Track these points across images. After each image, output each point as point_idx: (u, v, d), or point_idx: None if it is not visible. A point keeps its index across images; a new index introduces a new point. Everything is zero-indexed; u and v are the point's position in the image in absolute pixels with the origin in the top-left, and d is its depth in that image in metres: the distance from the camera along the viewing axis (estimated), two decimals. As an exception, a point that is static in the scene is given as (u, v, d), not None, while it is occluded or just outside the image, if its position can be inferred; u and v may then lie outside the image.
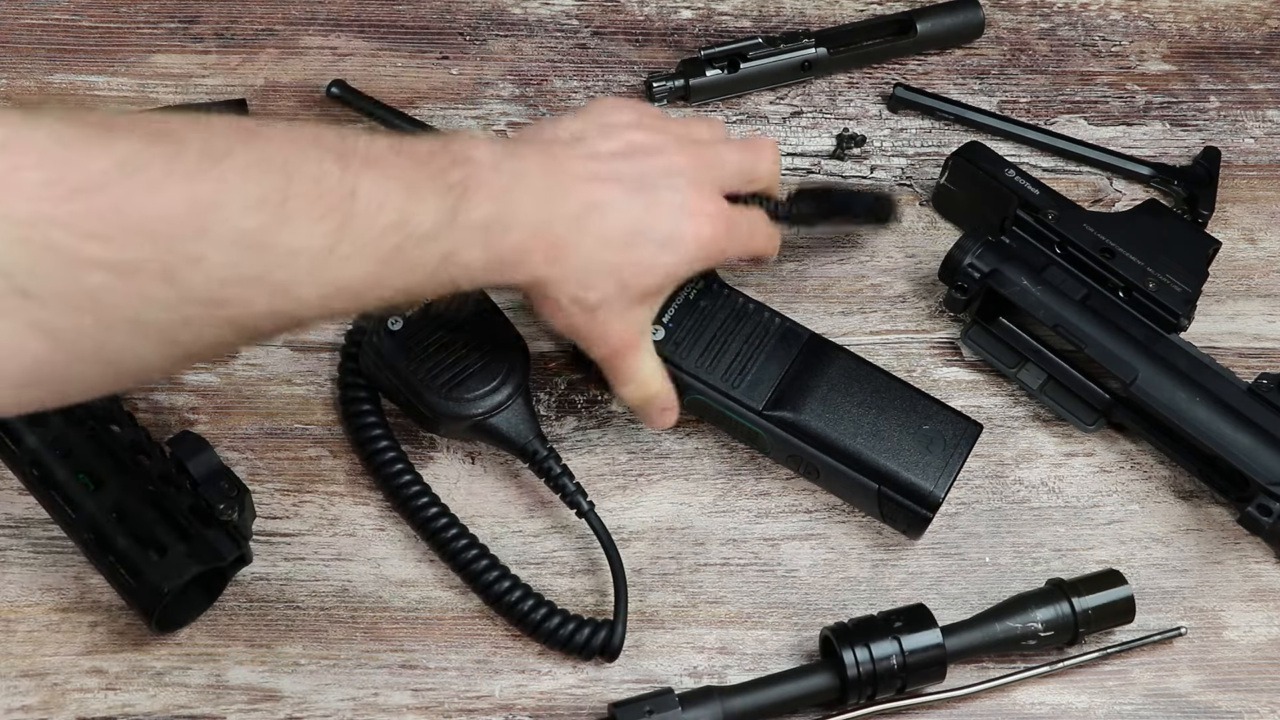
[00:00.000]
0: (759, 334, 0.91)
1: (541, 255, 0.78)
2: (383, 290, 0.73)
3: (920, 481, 0.88)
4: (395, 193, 0.72)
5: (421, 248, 0.73)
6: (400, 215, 0.72)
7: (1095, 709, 0.87)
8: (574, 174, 0.80)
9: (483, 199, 0.75)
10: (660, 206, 0.82)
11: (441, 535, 0.87)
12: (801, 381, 0.90)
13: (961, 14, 1.09)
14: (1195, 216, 1.01)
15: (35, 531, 0.87)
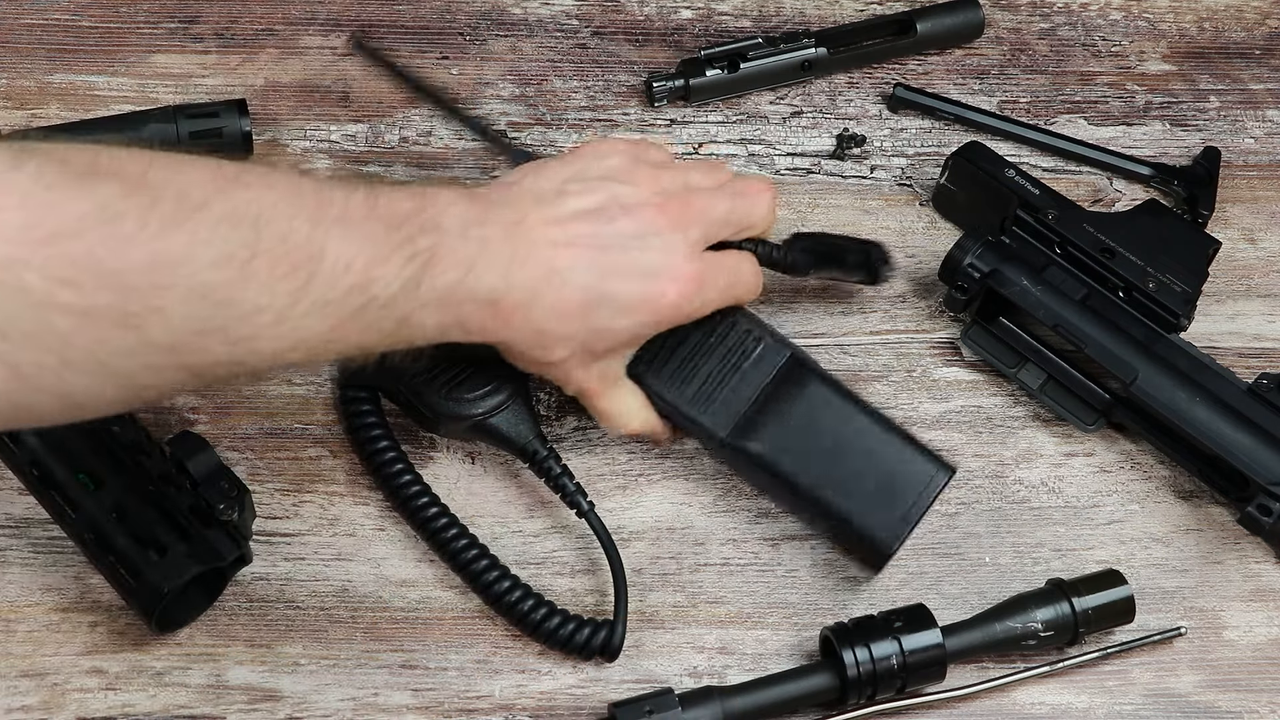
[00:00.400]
0: (736, 351, 0.88)
1: (499, 322, 0.79)
2: (339, 346, 0.75)
3: (875, 530, 0.86)
4: (362, 256, 0.73)
5: (382, 312, 0.74)
6: (364, 278, 0.73)
7: (1095, 709, 0.87)
8: (537, 240, 0.80)
9: (446, 268, 0.76)
10: (623, 272, 0.81)
11: (441, 535, 0.87)
12: (770, 409, 0.87)
13: (961, 14, 1.09)
14: (1195, 216, 1.01)
15: (35, 531, 0.87)
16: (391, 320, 0.75)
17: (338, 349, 0.75)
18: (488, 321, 0.79)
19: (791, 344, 0.89)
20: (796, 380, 0.88)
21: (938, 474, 0.86)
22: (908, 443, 0.87)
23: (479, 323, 0.79)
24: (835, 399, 0.88)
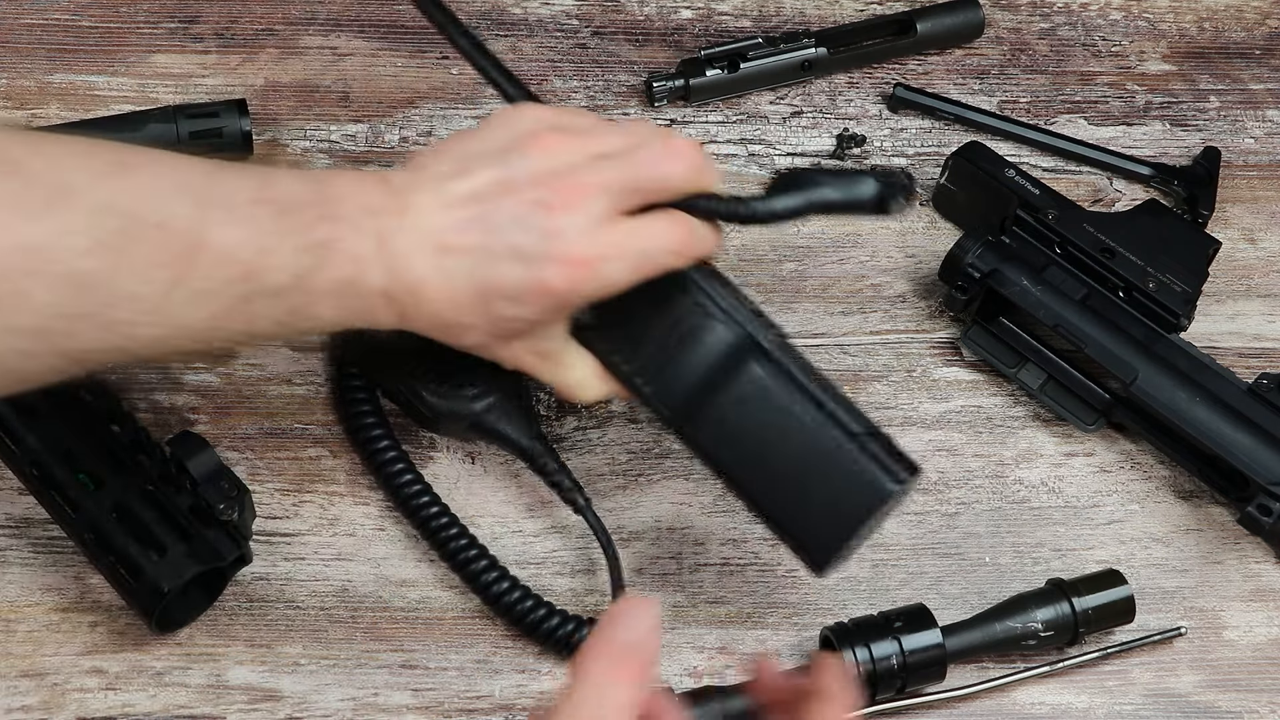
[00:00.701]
0: (686, 324, 0.80)
1: (398, 315, 0.77)
2: (226, 334, 0.74)
3: (810, 546, 0.80)
4: (248, 245, 0.72)
5: (271, 302, 0.73)
6: (250, 269, 0.72)
7: (1095, 709, 0.87)
8: (428, 229, 0.76)
9: (342, 262, 0.74)
10: (507, 259, 0.76)
11: (441, 535, 0.87)
12: (718, 393, 0.80)
13: (961, 14, 1.09)
14: (1195, 216, 1.01)
15: (35, 531, 0.87)
16: (282, 310, 0.74)
17: (225, 336, 0.74)
18: (388, 314, 0.77)
19: (754, 320, 0.80)
20: (749, 364, 0.79)
21: (887, 485, 0.78)
22: (864, 446, 0.79)
23: (380, 315, 0.77)
24: (787, 391, 0.79)
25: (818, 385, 0.80)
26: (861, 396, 0.95)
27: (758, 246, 1.00)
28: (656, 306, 0.80)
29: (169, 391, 0.92)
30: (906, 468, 0.79)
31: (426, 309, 0.76)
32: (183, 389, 0.92)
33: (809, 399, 0.79)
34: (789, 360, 0.80)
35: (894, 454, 0.79)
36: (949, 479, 0.93)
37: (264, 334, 0.75)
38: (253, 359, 0.93)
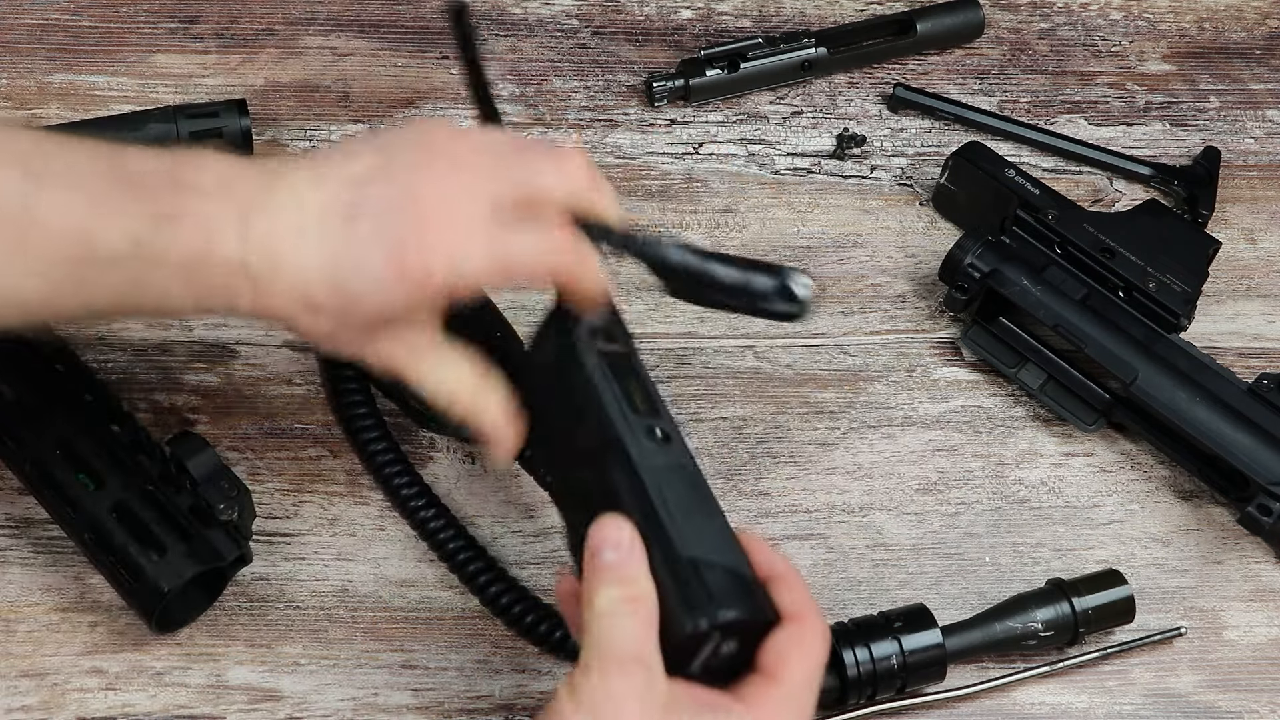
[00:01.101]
0: (586, 417, 0.73)
1: (249, 295, 0.73)
2: (61, 308, 0.73)
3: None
4: (79, 212, 0.70)
5: (106, 272, 0.71)
6: (82, 236, 0.70)
7: (1095, 709, 0.87)
8: (297, 205, 0.73)
9: (188, 234, 0.71)
10: (370, 241, 0.72)
11: (438, 539, 0.87)
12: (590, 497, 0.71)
13: (961, 14, 1.09)
14: (1195, 216, 1.01)
15: (35, 531, 0.87)
16: (121, 282, 0.71)
17: (59, 311, 0.74)
18: (242, 292, 0.72)
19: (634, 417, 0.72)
20: (613, 470, 0.71)
21: (684, 624, 0.67)
22: (677, 574, 0.68)
23: (233, 293, 0.72)
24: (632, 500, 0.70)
25: (669, 498, 0.70)
26: (861, 396, 0.95)
27: (758, 246, 1.00)
28: (560, 397, 0.74)
29: (169, 391, 0.92)
30: (727, 607, 0.67)
31: (281, 285, 0.72)
32: (183, 389, 0.92)
33: (648, 514, 0.70)
34: (648, 470, 0.70)
35: (719, 588, 0.67)
36: (949, 479, 0.93)
37: (107, 309, 0.74)
38: (252, 359, 0.94)
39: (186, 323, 0.94)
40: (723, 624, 0.67)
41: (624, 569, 0.68)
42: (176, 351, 0.93)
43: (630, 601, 0.68)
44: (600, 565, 0.68)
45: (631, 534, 0.69)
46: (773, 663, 0.69)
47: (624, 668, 0.66)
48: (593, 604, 0.68)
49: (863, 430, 0.94)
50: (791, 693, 0.69)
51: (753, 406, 0.95)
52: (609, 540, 0.69)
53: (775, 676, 0.69)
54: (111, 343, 0.93)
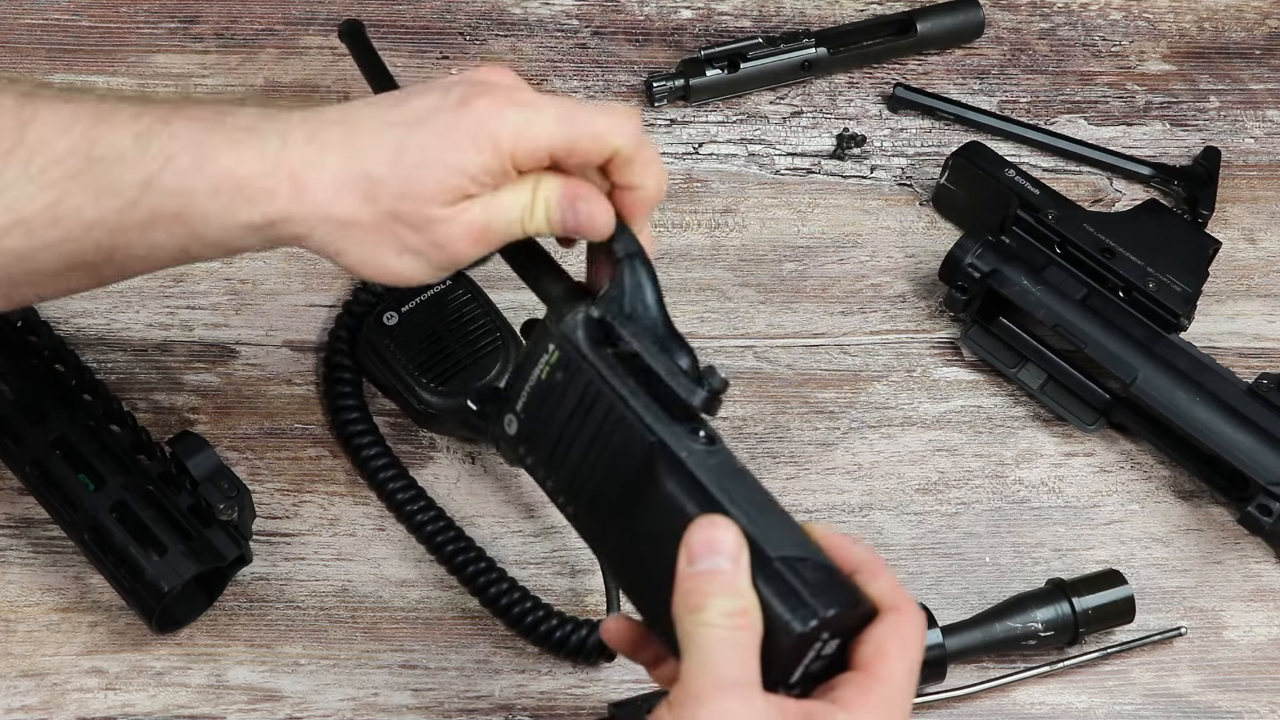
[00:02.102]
0: (607, 427, 0.68)
1: (284, 192, 0.68)
2: (71, 222, 0.67)
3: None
4: (82, 118, 0.67)
5: (113, 173, 0.67)
6: (85, 139, 0.67)
7: (1095, 709, 0.87)
8: (337, 113, 0.70)
9: (198, 114, 0.68)
10: (429, 112, 0.69)
11: (437, 538, 0.87)
12: (632, 509, 0.68)
13: (961, 14, 1.09)
14: (1195, 216, 1.01)
15: (35, 531, 0.87)
16: (130, 184, 0.67)
17: (71, 225, 0.67)
18: (278, 187, 0.68)
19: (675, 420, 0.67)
20: (661, 476, 0.66)
21: (793, 625, 0.63)
22: (773, 574, 0.64)
23: (265, 192, 0.68)
24: (696, 504, 0.65)
25: (738, 498, 0.66)
26: (861, 396, 0.95)
27: (758, 246, 1.00)
28: (576, 412, 0.69)
29: (169, 391, 0.92)
30: (830, 603, 0.63)
31: (329, 173, 0.68)
32: (183, 389, 0.92)
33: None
34: (705, 471, 0.66)
35: (816, 585, 0.64)
36: (949, 479, 0.93)
37: (122, 225, 0.68)
38: (253, 359, 0.94)
39: (187, 323, 0.94)
40: (829, 620, 0.63)
41: (734, 579, 0.63)
42: (176, 351, 0.93)
43: (742, 616, 0.62)
44: (709, 574, 0.63)
45: (738, 538, 0.63)
46: (870, 657, 0.64)
47: (742, 692, 0.61)
48: (699, 619, 0.62)
49: (863, 430, 0.94)
50: (892, 690, 0.63)
51: (753, 406, 0.95)
52: (717, 545, 0.63)
53: (875, 674, 0.63)
54: (111, 343, 0.93)
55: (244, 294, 0.95)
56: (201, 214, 0.68)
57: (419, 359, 0.89)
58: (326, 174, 0.68)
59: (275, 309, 0.95)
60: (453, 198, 0.69)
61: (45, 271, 0.70)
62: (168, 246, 0.69)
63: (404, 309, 0.90)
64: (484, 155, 0.69)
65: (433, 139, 0.69)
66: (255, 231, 0.69)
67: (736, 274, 0.99)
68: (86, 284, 0.72)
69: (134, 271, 0.72)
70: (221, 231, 0.69)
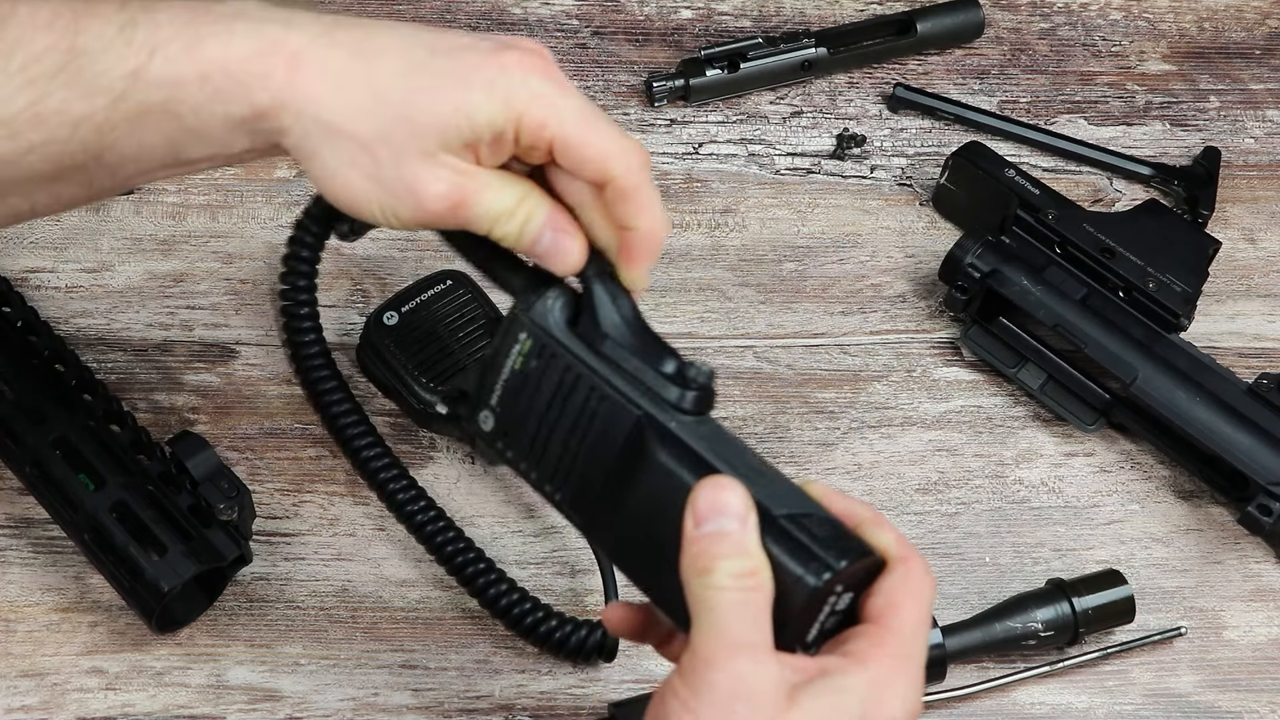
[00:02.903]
0: (590, 409, 0.68)
1: (281, 69, 0.64)
2: (56, 121, 0.64)
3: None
4: (63, 14, 0.64)
5: (96, 66, 0.63)
6: (67, 33, 0.63)
7: (1095, 709, 0.87)
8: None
9: (187, 7, 0.65)
10: (455, 46, 0.67)
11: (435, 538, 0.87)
12: (625, 486, 0.67)
13: (961, 14, 1.09)
14: (1195, 216, 1.01)
15: (35, 531, 0.87)
16: (116, 77, 0.63)
17: (56, 124, 0.64)
18: (272, 69, 0.64)
19: (657, 392, 0.67)
20: (640, 455, 0.66)
21: (807, 580, 0.62)
22: (782, 531, 0.63)
23: (250, 71, 0.64)
24: (693, 471, 0.64)
25: (736, 462, 0.65)
26: (861, 396, 0.95)
27: (758, 246, 1.00)
28: (555, 398, 0.69)
29: (169, 391, 0.92)
30: (841, 554, 0.63)
31: (335, 57, 0.65)
32: (183, 389, 0.92)
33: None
34: (697, 439, 0.66)
35: (825, 540, 0.63)
36: (949, 479, 0.93)
37: (110, 125, 0.64)
38: (253, 359, 0.94)
39: (187, 323, 0.94)
40: (842, 572, 0.62)
41: (743, 539, 0.61)
42: (176, 351, 0.93)
43: (751, 576, 0.61)
44: (716, 535, 0.61)
45: (745, 498, 0.62)
46: (882, 609, 0.63)
47: (755, 654, 0.60)
48: (708, 581, 0.61)
49: (863, 430, 0.94)
50: (906, 641, 0.62)
51: (753, 406, 0.95)
52: (724, 506, 0.62)
53: (888, 625, 0.62)
54: (111, 343, 0.93)
55: (244, 294, 0.96)
56: (190, 105, 0.64)
57: (419, 359, 0.89)
58: (330, 65, 0.65)
59: (275, 309, 0.95)
60: (448, 142, 0.66)
61: (33, 177, 0.66)
62: (158, 145, 0.65)
63: (404, 309, 0.90)
64: (494, 105, 0.65)
65: (452, 69, 0.65)
66: (242, 126, 0.65)
67: (736, 274, 0.99)
68: (80, 193, 0.68)
69: (126, 177, 0.68)
70: (210, 125, 0.65)
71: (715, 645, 0.60)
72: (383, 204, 0.67)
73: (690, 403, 0.66)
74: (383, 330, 0.89)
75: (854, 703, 0.61)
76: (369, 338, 0.90)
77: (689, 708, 0.60)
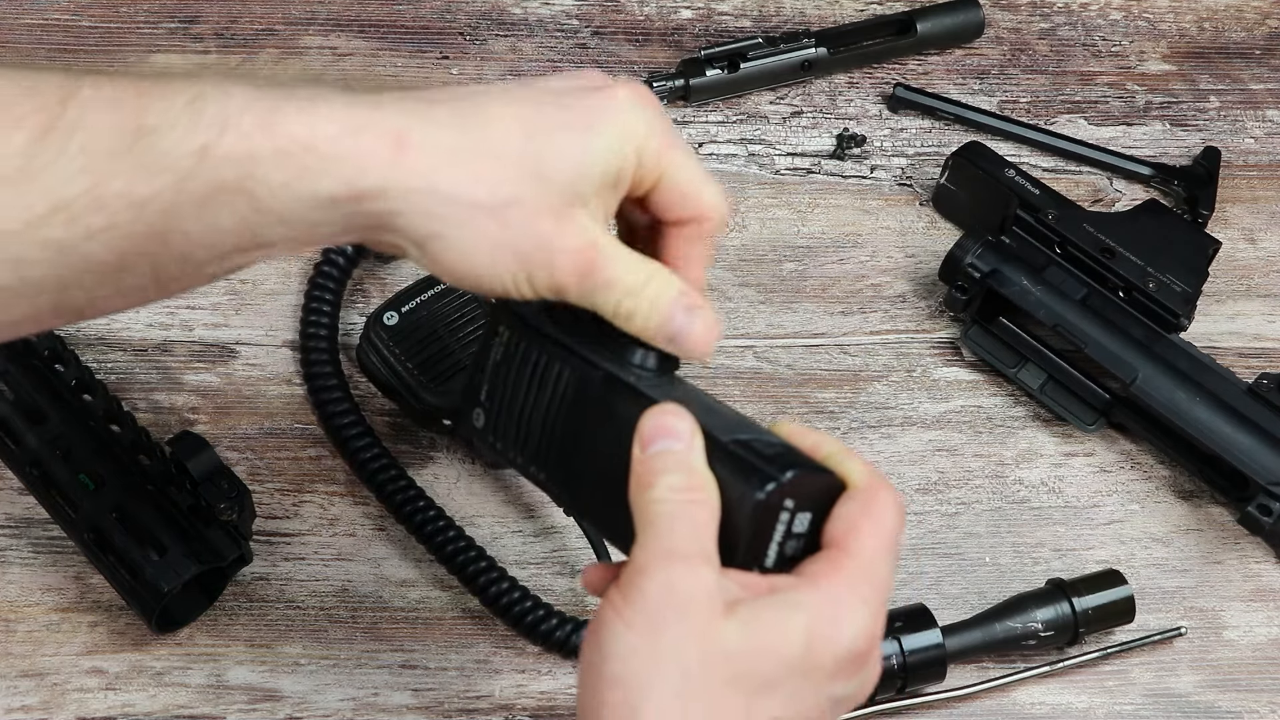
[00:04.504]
0: (562, 383, 0.67)
1: (385, 150, 0.59)
2: (116, 206, 0.58)
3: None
4: (128, 91, 0.59)
5: (162, 144, 0.58)
6: (132, 111, 0.59)
7: (1095, 709, 0.87)
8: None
9: (263, 84, 0.60)
10: (560, 91, 0.64)
11: (437, 537, 0.87)
12: (587, 456, 0.67)
13: (961, 14, 1.09)
14: (1195, 216, 1.01)
15: (35, 531, 0.87)
16: (183, 154, 0.58)
17: (118, 208, 0.58)
18: (370, 147, 0.59)
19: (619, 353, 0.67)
20: (609, 406, 0.66)
21: (754, 491, 0.62)
22: (727, 451, 0.63)
23: (347, 152, 0.59)
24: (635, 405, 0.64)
25: (688, 400, 0.65)
26: (861, 396, 0.95)
27: (758, 246, 1.00)
28: (532, 380, 0.69)
29: (169, 391, 0.92)
30: (786, 466, 0.62)
31: (446, 130, 0.61)
32: (183, 389, 0.92)
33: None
34: (655, 389, 0.66)
35: (771, 457, 0.63)
36: (949, 479, 0.93)
37: (177, 208, 0.59)
38: (253, 359, 0.94)
39: (187, 322, 0.94)
40: (788, 484, 0.61)
41: (686, 457, 0.61)
42: (176, 351, 0.93)
43: (693, 491, 0.61)
44: (660, 454, 0.61)
45: (691, 422, 0.62)
46: (841, 534, 0.62)
47: (689, 564, 0.59)
48: (649, 496, 0.61)
49: (863, 430, 0.94)
50: (864, 566, 0.61)
51: (753, 406, 0.95)
52: (668, 430, 0.62)
53: (845, 548, 0.61)
54: (111, 343, 0.93)
55: (244, 294, 0.96)
56: (268, 185, 0.59)
57: (419, 359, 0.89)
58: (441, 142, 0.60)
59: (275, 309, 0.95)
60: (581, 192, 0.62)
61: (94, 267, 0.60)
62: (231, 228, 0.60)
63: (404, 309, 0.90)
64: (619, 143, 0.62)
65: (569, 118, 0.62)
66: (334, 206, 0.60)
67: (736, 274, 0.99)
68: (145, 285, 0.62)
69: (198, 264, 0.61)
70: (291, 204, 0.59)
71: (650, 555, 0.60)
72: (514, 272, 0.63)
73: (653, 362, 0.66)
74: (383, 330, 0.89)
75: (799, 622, 0.60)
76: (369, 338, 0.90)
77: (621, 615, 0.59)
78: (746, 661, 0.59)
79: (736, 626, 0.59)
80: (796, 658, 0.60)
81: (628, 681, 0.59)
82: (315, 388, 0.91)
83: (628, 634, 0.59)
